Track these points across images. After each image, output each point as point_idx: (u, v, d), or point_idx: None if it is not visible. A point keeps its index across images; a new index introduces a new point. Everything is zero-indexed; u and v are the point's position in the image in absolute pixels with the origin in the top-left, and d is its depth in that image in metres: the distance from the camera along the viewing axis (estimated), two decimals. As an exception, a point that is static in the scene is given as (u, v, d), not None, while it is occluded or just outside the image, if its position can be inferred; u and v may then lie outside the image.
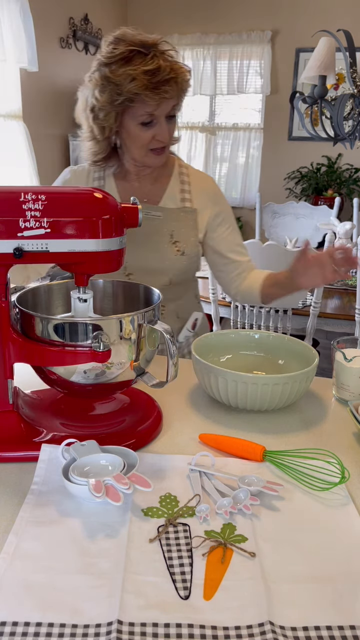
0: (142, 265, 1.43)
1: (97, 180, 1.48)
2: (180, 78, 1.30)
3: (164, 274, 1.45)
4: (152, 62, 1.26)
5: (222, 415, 1.11)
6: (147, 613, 0.65)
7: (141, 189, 1.47)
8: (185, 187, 1.49)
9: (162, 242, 1.44)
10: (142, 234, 1.42)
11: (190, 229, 1.46)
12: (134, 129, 1.35)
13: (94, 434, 0.96)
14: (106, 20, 5.21)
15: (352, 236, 3.14)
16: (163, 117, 1.34)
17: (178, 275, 1.46)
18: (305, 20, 5.20)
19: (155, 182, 1.48)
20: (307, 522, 0.81)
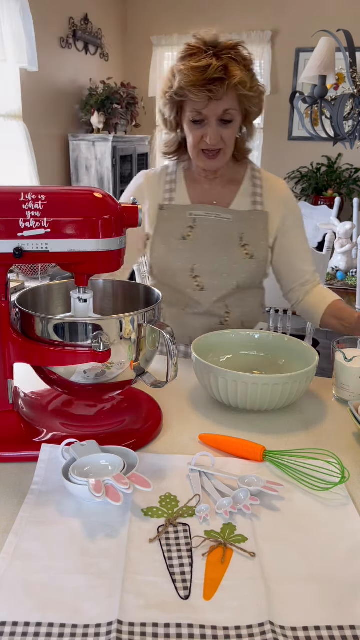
0: (209, 268, 1.42)
1: (168, 183, 1.48)
2: (232, 81, 1.26)
3: (231, 277, 1.43)
4: (205, 59, 1.26)
5: (222, 415, 1.11)
6: (147, 613, 0.65)
7: (211, 191, 1.47)
8: (257, 190, 1.47)
9: (231, 244, 1.42)
10: (211, 236, 1.42)
11: (260, 232, 1.44)
12: (187, 126, 1.37)
13: (94, 434, 0.96)
14: (106, 20, 5.21)
15: (352, 236, 3.14)
16: (214, 119, 1.32)
17: (246, 279, 1.44)
18: (305, 20, 5.20)
19: (226, 185, 1.48)
20: (307, 522, 0.81)
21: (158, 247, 1.44)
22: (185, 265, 1.42)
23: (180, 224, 1.43)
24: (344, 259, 3.11)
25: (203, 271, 1.43)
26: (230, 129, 1.35)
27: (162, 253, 1.44)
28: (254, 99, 1.34)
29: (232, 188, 1.48)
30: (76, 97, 4.81)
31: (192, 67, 1.27)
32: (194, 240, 1.42)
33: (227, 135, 1.36)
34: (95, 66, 5.09)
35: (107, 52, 5.27)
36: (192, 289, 1.44)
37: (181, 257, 1.42)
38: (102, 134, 4.67)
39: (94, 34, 4.95)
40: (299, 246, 1.51)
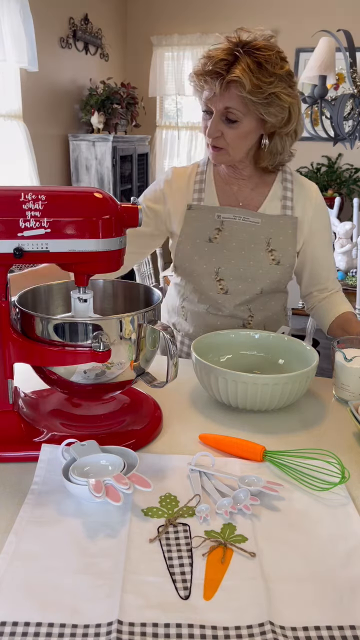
0: (234, 272, 1.40)
1: (197, 183, 1.46)
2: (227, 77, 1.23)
3: (256, 283, 1.41)
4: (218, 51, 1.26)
5: (222, 415, 1.11)
6: (147, 613, 0.65)
7: (240, 193, 1.45)
8: (287, 194, 1.44)
9: (258, 249, 1.40)
10: (238, 240, 1.40)
11: (288, 237, 1.41)
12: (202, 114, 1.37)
13: (94, 434, 0.96)
14: (106, 20, 5.21)
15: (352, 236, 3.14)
16: (217, 113, 1.30)
17: (270, 285, 1.43)
18: (305, 20, 5.19)
19: (255, 187, 1.45)
20: (307, 522, 0.81)
21: (184, 248, 1.43)
22: (210, 268, 1.41)
23: (208, 226, 1.41)
24: (344, 259, 3.11)
25: (227, 275, 1.41)
26: (234, 130, 1.31)
27: (187, 254, 1.42)
28: (261, 106, 1.26)
29: (262, 191, 1.45)
30: (76, 97, 4.81)
31: (205, 55, 1.28)
32: (221, 243, 1.40)
33: (230, 134, 1.32)
34: (95, 66, 5.09)
35: (107, 52, 5.26)
36: (215, 292, 1.43)
37: (206, 259, 1.41)
38: (102, 134, 4.67)
39: (94, 34, 4.95)
40: (324, 253, 1.48)
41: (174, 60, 5.57)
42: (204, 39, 5.44)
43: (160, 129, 5.90)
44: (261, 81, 1.24)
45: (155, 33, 5.59)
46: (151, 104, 5.74)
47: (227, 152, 1.36)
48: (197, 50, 5.51)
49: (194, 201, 1.44)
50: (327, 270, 1.50)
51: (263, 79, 1.24)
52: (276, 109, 1.28)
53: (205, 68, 1.27)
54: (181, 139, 5.83)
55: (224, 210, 1.42)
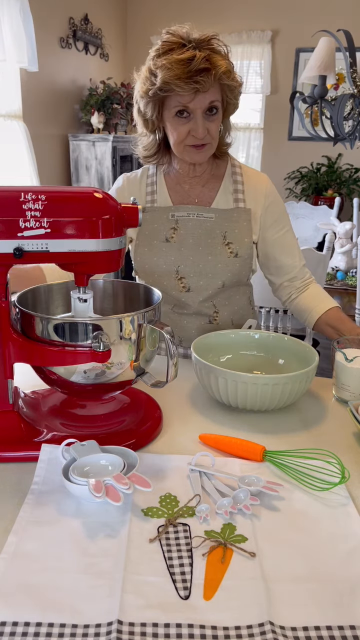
0: (194, 269, 1.42)
1: (149, 185, 1.48)
2: (217, 71, 1.25)
3: (217, 277, 1.42)
4: (187, 52, 1.25)
5: (222, 415, 1.11)
6: (147, 613, 0.65)
7: (192, 191, 1.46)
8: (238, 187, 1.46)
9: (215, 244, 1.41)
10: (194, 236, 1.41)
11: (244, 229, 1.43)
12: (171, 122, 1.34)
13: (94, 434, 0.96)
14: (106, 20, 5.21)
15: (352, 236, 3.14)
16: (199, 111, 1.30)
17: (231, 278, 1.44)
18: (305, 20, 5.20)
19: (206, 183, 1.47)
20: (307, 522, 0.81)
21: (142, 250, 1.44)
22: (170, 268, 1.42)
23: (163, 226, 1.43)
24: (344, 259, 3.11)
25: (188, 272, 1.42)
26: (215, 122, 1.34)
27: (146, 256, 1.43)
28: (234, 89, 1.33)
29: (213, 186, 1.47)
30: (76, 97, 4.81)
31: (176, 60, 1.24)
32: (178, 242, 1.42)
33: (213, 128, 1.34)
34: (95, 66, 5.09)
35: (107, 52, 5.27)
36: (178, 291, 1.44)
37: (165, 259, 1.42)
38: (102, 134, 4.67)
39: (94, 34, 4.95)
40: (284, 240, 1.48)
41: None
42: (204, 39, 5.44)
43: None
44: (232, 67, 1.31)
45: (155, 33, 5.57)
46: (151, 104, 5.73)
47: (211, 145, 1.37)
48: (197, 50, 5.50)
49: (147, 203, 1.46)
50: (291, 258, 1.49)
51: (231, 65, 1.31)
52: (238, 90, 1.35)
53: (186, 70, 1.24)
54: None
55: (177, 209, 1.43)
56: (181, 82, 1.24)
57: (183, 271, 1.42)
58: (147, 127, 1.41)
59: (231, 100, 1.35)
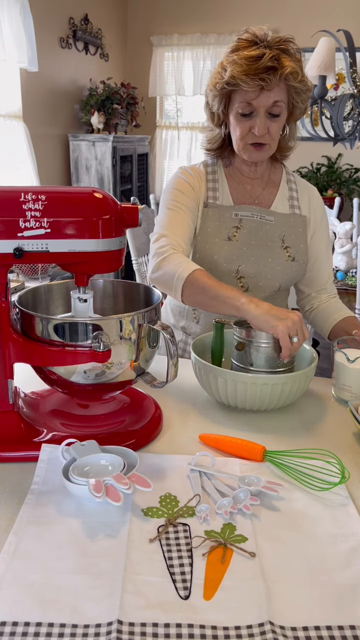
0: (255, 269, 1.42)
1: (211, 181, 1.47)
2: (284, 71, 1.26)
3: (275, 279, 1.43)
4: (258, 49, 1.27)
5: (222, 415, 1.11)
6: (147, 613, 0.65)
7: (253, 191, 1.47)
8: (293, 194, 1.48)
9: (275, 247, 1.42)
10: (256, 237, 1.42)
11: (300, 235, 1.45)
12: (235, 118, 1.36)
13: (94, 434, 0.96)
14: (106, 20, 5.21)
15: (352, 236, 3.14)
16: (262, 110, 1.31)
17: (287, 281, 1.45)
18: (305, 20, 5.19)
19: (266, 186, 1.48)
20: (307, 522, 0.81)
21: (202, 247, 1.43)
22: (231, 267, 1.42)
23: (226, 224, 1.42)
24: (344, 259, 3.11)
25: (248, 272, 1.42)
26: (277, 123, 1.35)
27: (207, 253, 1.43)
28: (302, 93, 1.33)
29: (272, 190, 1.48)
30: (76, 97, 4.81)
31: (245, 56, 1.27)
32: (240, 241, 1.42)
33: (274, 129, 1.35)
34: (95, 66, 5.09)
35: (107, 52, 5.26)
36: None
37: (227, 257, 1.41)
38: (102, 134, 4.67)
39: (94, 34, 4.95)
40: (326, 254, 1.51)
41: (174, 60, 5.57)
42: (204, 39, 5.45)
43: (160, 129, 5.89)
44: (302, 69, 1.32)
45: (155, 33, 5.59)
46: (151, 104, 5.74)
47: (270, 146, 1.38)
48: (197, 51, 5.52)
49: (209, 199, 1.45)
50: (327, 272, 1.52)
51: (301, 67, 1.32)
52: (306, 94, 1.35)
53: (253, 67, 1.26)
54: (181, 139, 5.83)
55: (241, 209, 1.43)
56: (247, 77, 1.27)
57: (243, 271, 1.42)
58: (212, 120, 1.43)
59: (297, 104, 1.36)
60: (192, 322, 1.53)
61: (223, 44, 5.45)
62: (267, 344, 1.11)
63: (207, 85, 1.40)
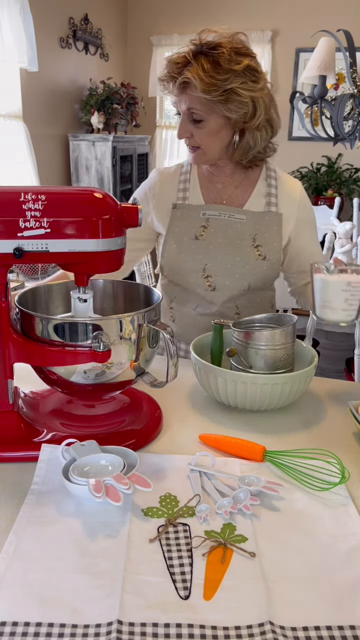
0: (222, 268, 1.42)
1: (182, 182, 1.48)
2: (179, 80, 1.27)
3: (243, 278, 1.43)
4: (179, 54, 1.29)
5: (222, 415, 1.11)
6: (147, 613, 0.65)
7: (224, 191, 1.47)
8: (272, 191, 1.46)
9: (244, 245, 1.42)
10: (224, 236, 1.42)
11: (274, 234, 1.43)
12: None
13: (94, 434, 0.96)
14: (106, 20, 5.20)
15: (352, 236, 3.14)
16: (184, 115, 1.33)
17: (257, 280, 1.44)
18: (305, 20, 5.19)
19: (239, 185, 1.47)
20: (307, 522, 0.81)
21: (170, 247, 1.44)
22: (197, 265, 1.42)
23: (194, 224, 1.43)
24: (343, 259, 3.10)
25: (215, 271, 1.42)
26: (201, 129, 1.33)
27: (174, 252, 1.44)
28: (220, 103, 1.27)
29: (246, 188, 1.47)
30: (76, 97, 4.81)
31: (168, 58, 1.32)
32: (207, 240, 1.42)
33: (199, 134, 1.34)
34: (95, 66, 5.08)
35: (107, 52, 5.26)
36: (203, 289, 1.44)
37: (193, 256, 1.42)
38: (102, 134, 4.67)
39: (94, 34, 4.95)
40: (312, 249, 1.50)
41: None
42: (204, 39, 5.44)
43: (160, 129, 5.89)
44: (215, 79, 1.25)
45: (155, 33, 5.59)
46: (151, 104, 5.74)
47: (203, 151, 1.38)
48: (197, 50, 5.51)
49: (179, 200, 1.46)
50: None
51: (217, 77, 1.25)
52: (235, 104, 1.29)
53: (163, 72, 1.31)
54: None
55: (209, 208, 1.43)
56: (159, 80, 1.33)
57: (210, 270, 1.42)
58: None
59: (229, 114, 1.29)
60: (169, 321, 1.55)
61: (223, 44, 5.44)
62: (266, 347, 1.11)
63: None
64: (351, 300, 1.11)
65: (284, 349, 1.12)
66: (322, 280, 1.12)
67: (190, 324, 1.49)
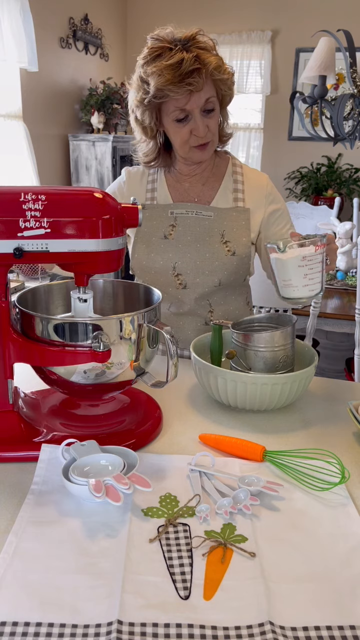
0: (191, 266, 1.42)
1: (150, 182, 1.48)
2: (208, 68, 1.26)
3: (214, 275, 1.43)
4: (175, 55, 1.25)
5: (222, 415, 1.11)
6: (147, 613, 0.65)
7: (192, 189, 1.47)
8: (238, 186, 1.47)
9: (213, 242, 1.42)
10: (192, 234, 1.42)
11: (242, 229, 1.44)
12: (172, 126, 1.35)
13: (94, 434, 0.96)
14: (106, 20, 5.21)
15: (352, 236, 3.14)
16: (197, 111, 1.31)
17: (228, 276, 1.44)
18: (305, 20, 5.20)
19: (206, 182, 1.48)
20: (307, 522, 0.81)
21: (139, 247, 1.44)
22: (167, 264, 1.42)
23: (162, 223, 1.43)
24: (344, 259, 3.11)
25: (184, 269, 1.43)
26: (213, 118, 1.35)
27: (143, 252, 1.44)
28: (227, 81, 1.33)
29: (213, 185, 1.47)
30: (76, 97, 4.81)
31: (165, 65, 1.24)
32: (175, 239, 1.42)
33: (212, 124, 1.35)
34: (95, 66, 5.09)
35: (107, 52, 5.26)
36: (174, 288, 1.44)
37: (163, 255, 1.42)
38: (102, 134, 4.67)
39: (94, 34, 4.95)
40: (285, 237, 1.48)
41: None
42: (204, 39, 5.44)
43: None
44: (221, 59, 1.31)
45: (155, 33, 5.58)
46: (151, 104, 5.73)
47: (213, 142, 1.39)
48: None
49: (147, 200, 1.47)
50: None
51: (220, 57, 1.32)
52: (231, 81, 1.35)
53: (177, 74, 1.24)
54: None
55: (176, 207, 1.44)
56: (174, 86, 1.25)
57: (180, 268, 1.43)
58: (146, 134, 1.41)
59: (226, 92, 1.36)
60: None
61: (223, 44, 5.45)
62: (265, 348, 1.11)
63: (131, 102, 1.38)
64: (310, 275, 1.07)
65: (283, 350, 1.12)
66: (277, 259, 1.08)
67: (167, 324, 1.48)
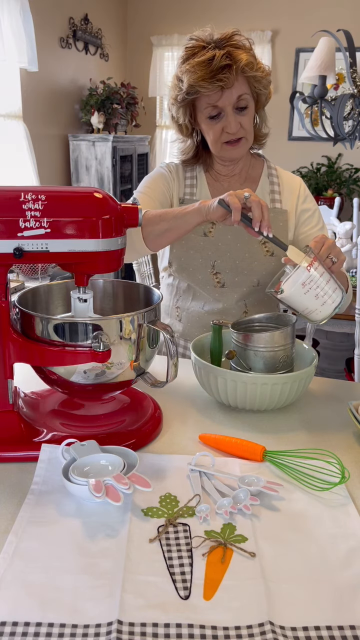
0: (231, 265, 1.42)
1: (189, 178, 1.48)
2: (239, 65, 1.27)
3: (252, 275, 1.43)
4: (207, 53, 1.28)
5: (222, 415, 1.11)
6: (147, 613, 0.65)
7: (231, 189, 1.47)
8: (275, 187, 1.48)
9: (252, 242, 1.43)
10: (232, 233, 1.42)
11: (280, 230, 1.44)
12: (205, 124, 1.37)
13: (94, 434, 0.96)
14: (106, 20, 5.20)
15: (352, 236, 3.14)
16: (229, 108, 1.32)
17: (266, 276, 1.44)
18: (305, 20, 5.19)
19: (244, 182, 1.48)
20: (307, 522, 0.81)
21: (179, 242, 1.44)
22: (206, 262, 1.43)
23: None
24: (344, 259, 3.11)
25: (224, 268, 1.43)
26: (247, 116, 1.36)
27: (182, 248, 1.44)
28: (262, 80, 1.34)
29: (250, 185, 1.48)
30: (76, 97, 4.81)
31: (197, 62, 1.28)
32: (216, 237, 1.42)
33: (246, 122, 1.36)
34: (95, 66, 5.08)
35: (107, 52, 5.26)
36: (212, 286, 1.45)
37: (202, 253, 1.42)
38: (102, 134, 4.67)
39: (94, 34, 4.95)
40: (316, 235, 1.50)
41: (174, 60, 5.56)
42: (204, 39, 5.44)
43: (160, 129, 5.89)
44: (255, 58, 1.33)
45: (155, 33, 5.59)
46: (151, 104, 5.74)
47: (246, 139, 1.39)
48: (197, 50, 5.51)
49: (186, 195, 1.46)
50: None
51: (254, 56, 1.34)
52: (266, 80, 1.36)
53: (208, 70, 1.27)
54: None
55: None
56: (205, 82, 1.28)
57: (219, 266, 1.43)
58: (182, 132, 1.44)
59: (261, 91, 1.37)
60: (175, 320, 1.55)
61: (223, 44, 5.44)
62: (265, 349, 1.11)
63: (168, 100, 1.41)
64: (321, 292, 1.06)
65: (283, 350, 1.12)
66: (283, 299, 1.08)
67: (198, 323, 1.48)
